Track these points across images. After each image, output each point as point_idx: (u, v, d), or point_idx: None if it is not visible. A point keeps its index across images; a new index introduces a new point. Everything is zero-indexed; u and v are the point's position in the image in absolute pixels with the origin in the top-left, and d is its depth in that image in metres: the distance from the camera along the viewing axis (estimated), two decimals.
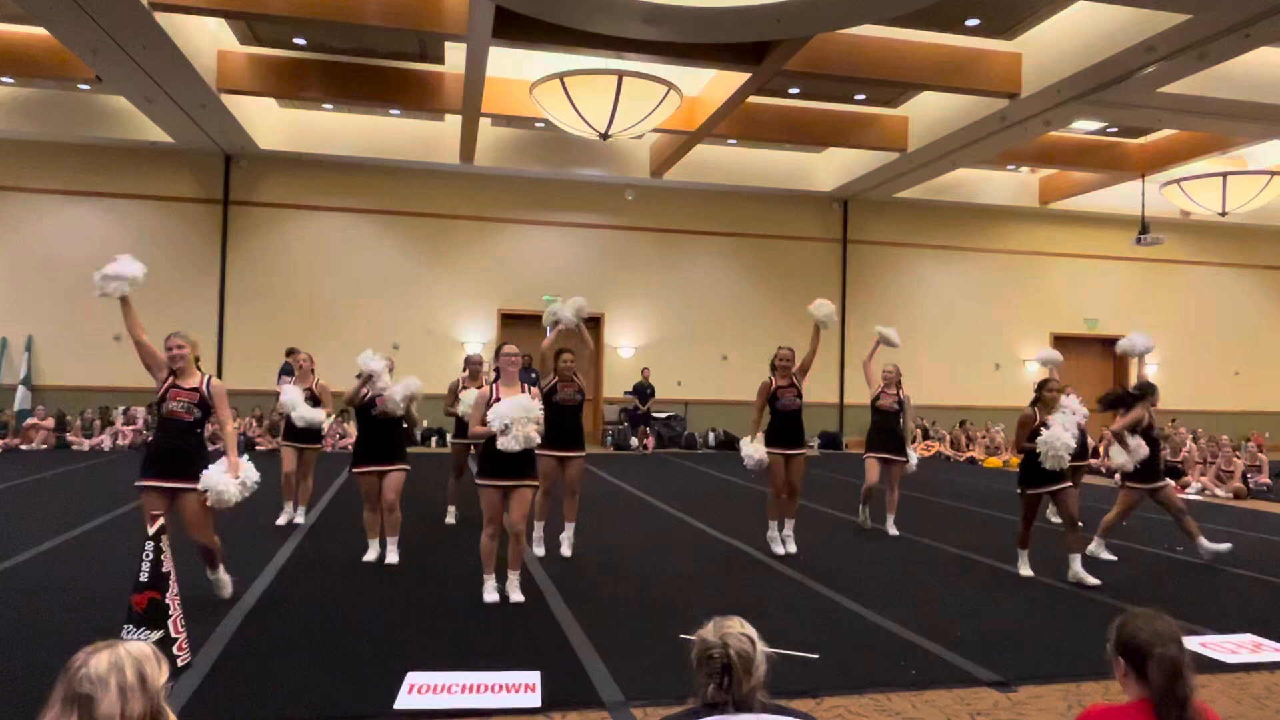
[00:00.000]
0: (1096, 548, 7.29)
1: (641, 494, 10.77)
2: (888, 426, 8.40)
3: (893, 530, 8.26)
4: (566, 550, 6.84)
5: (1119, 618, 2.22)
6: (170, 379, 5.04)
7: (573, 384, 6.83)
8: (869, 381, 8.65)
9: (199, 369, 5.19)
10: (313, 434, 7.91)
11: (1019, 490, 6.59)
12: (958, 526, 8.84)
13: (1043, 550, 7.09)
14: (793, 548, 7.14)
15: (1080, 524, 6.44)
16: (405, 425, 6.60)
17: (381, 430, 6.45)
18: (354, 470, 6.52)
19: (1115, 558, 7.21)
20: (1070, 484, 6.61)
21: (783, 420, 7.10)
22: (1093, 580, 6.22)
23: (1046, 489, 6.46)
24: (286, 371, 13.24)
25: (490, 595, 5.45)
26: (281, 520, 7.94)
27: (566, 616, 5.13)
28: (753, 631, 2.02)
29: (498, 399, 5.39)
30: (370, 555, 6.48)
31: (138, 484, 4.99)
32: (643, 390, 17.09)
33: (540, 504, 6.61)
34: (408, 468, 6.57)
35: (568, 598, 5.55)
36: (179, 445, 5.04)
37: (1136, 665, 2.10)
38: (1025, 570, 6.55)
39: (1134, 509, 7.32)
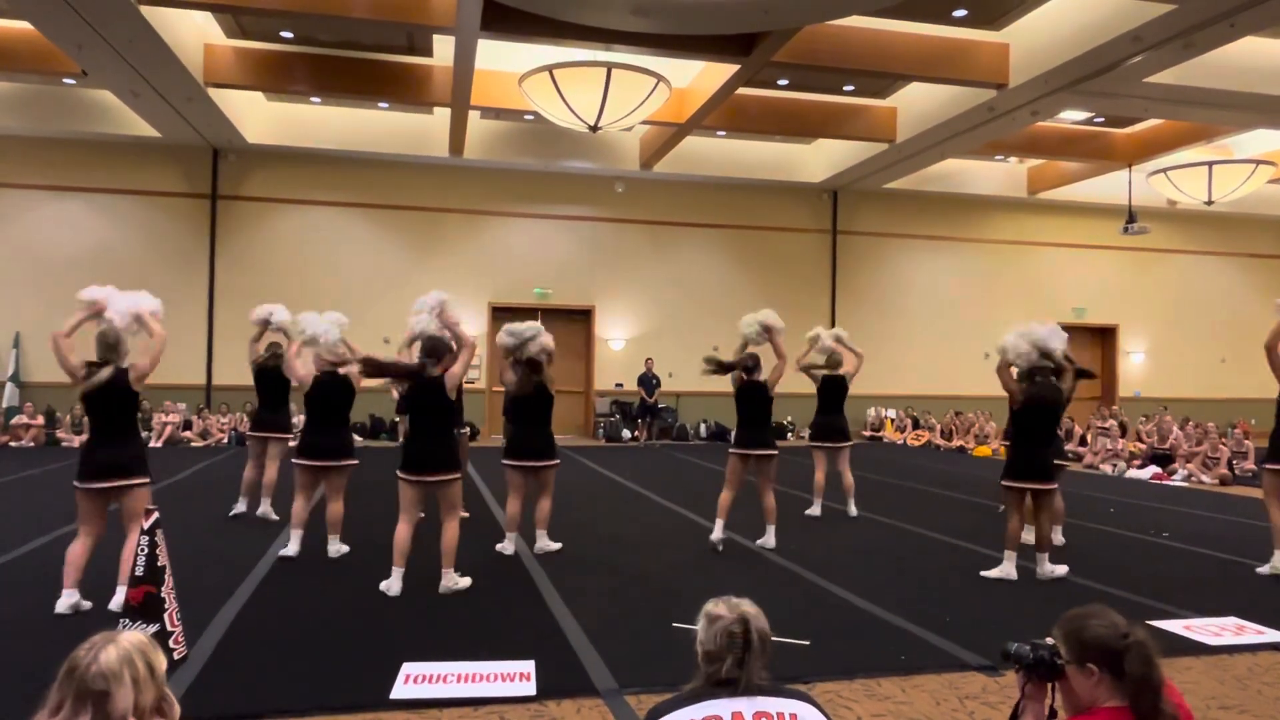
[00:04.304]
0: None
1: (633, 485, 10.82)
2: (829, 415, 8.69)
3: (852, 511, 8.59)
4: (554, 545, 6.73)
5: (1062, 627, 2.10)
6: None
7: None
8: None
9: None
10: (282, 425, 7.86)
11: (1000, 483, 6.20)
12: (945, 513, 8.92)
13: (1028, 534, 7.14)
14: (772, 543, 7.00)
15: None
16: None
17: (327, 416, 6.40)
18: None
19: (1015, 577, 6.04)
20: (1055, 485, 6.15)
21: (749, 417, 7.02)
22: (1062, 569, 6.08)
23: (1027, 485, 6.00)
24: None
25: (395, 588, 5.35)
26: (233, 512, 7.91)
27: (560, 606, 5.16)
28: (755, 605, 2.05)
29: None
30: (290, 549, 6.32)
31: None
32: (648, 381, 17.08)
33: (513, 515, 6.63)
34: (355, 463, 6.52)
35: (561, 588, 5.59)
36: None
37: (1112, 664, 2.00)
38: (1006, 571, 6.02)
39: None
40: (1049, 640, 2.16)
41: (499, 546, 6.66)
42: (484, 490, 9.96)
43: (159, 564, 4.07)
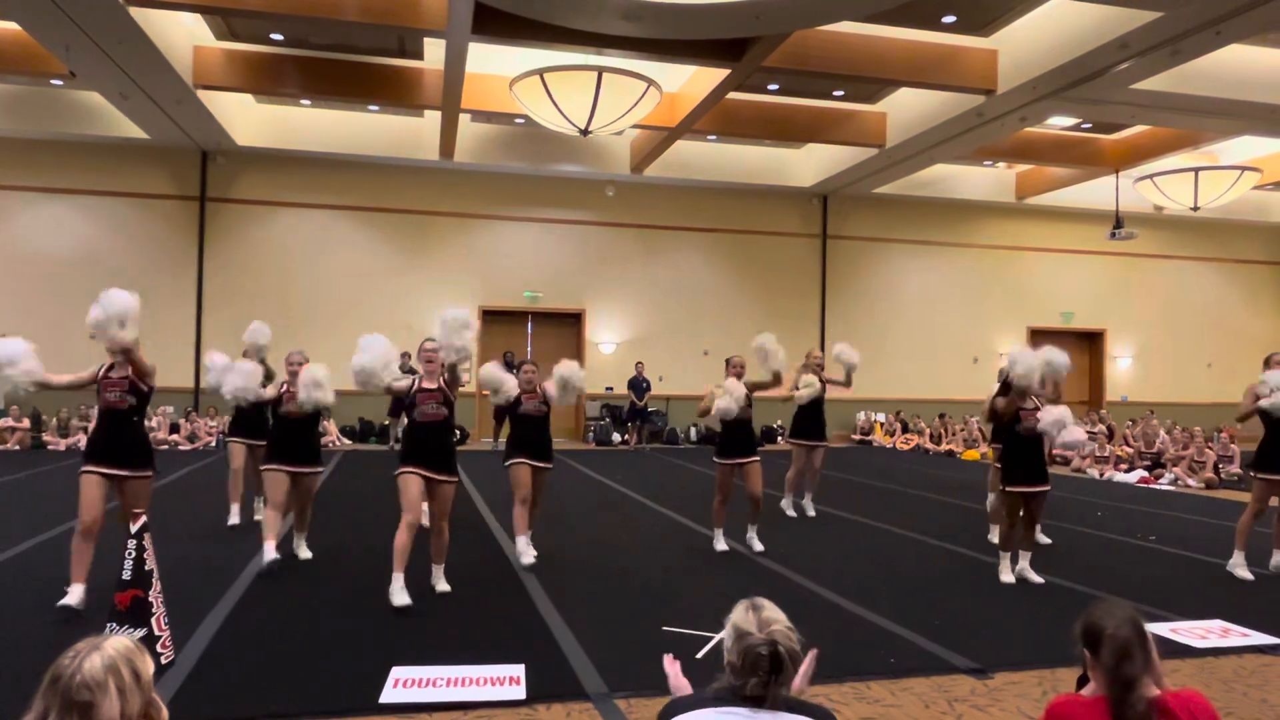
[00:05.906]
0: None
1: (623, 489, 10.81)
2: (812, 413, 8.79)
3: (811, 511, 8.85)
4: (528, 559, 6.32)
5: (1085, 611, 2.21)
6: (104, 370, 5.19)
7: (536, 395, 6.47)
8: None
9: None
10: (263, 430, 7.24)
11: (1002, 488, 6.30)
12: (934, 517, 8.94)
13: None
14: (759, 546, 6.99)
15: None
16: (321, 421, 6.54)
17: (293, 428, 6.19)
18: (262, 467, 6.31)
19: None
20: (1049, 487, 6.28)
21: (730, 429, 6.93)
22: (1037, 578, 6.06)
23: (1028, 489, 6.11)
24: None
25: (401, 598, 5.07)
26: (233, 520, 7.58)
27: (550, 610, 5.16)
28: (785, 616, 2.00)
29: (420, 390, 5.49)
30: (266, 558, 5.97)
31: (81, 470, 5.13)
32: (638, 385, 17.08)
33: (519, 515, 6.37)
34: (320, 469, 6.47)
35: (551, 592, 5.58)
36: (118, 434, 5.13)
37: (1095, 650, 2.08)
38: (1006, 576, 6.13)
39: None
40: None
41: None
42: (476, 496, 9.94)
43: (146, 567, 4.05)
